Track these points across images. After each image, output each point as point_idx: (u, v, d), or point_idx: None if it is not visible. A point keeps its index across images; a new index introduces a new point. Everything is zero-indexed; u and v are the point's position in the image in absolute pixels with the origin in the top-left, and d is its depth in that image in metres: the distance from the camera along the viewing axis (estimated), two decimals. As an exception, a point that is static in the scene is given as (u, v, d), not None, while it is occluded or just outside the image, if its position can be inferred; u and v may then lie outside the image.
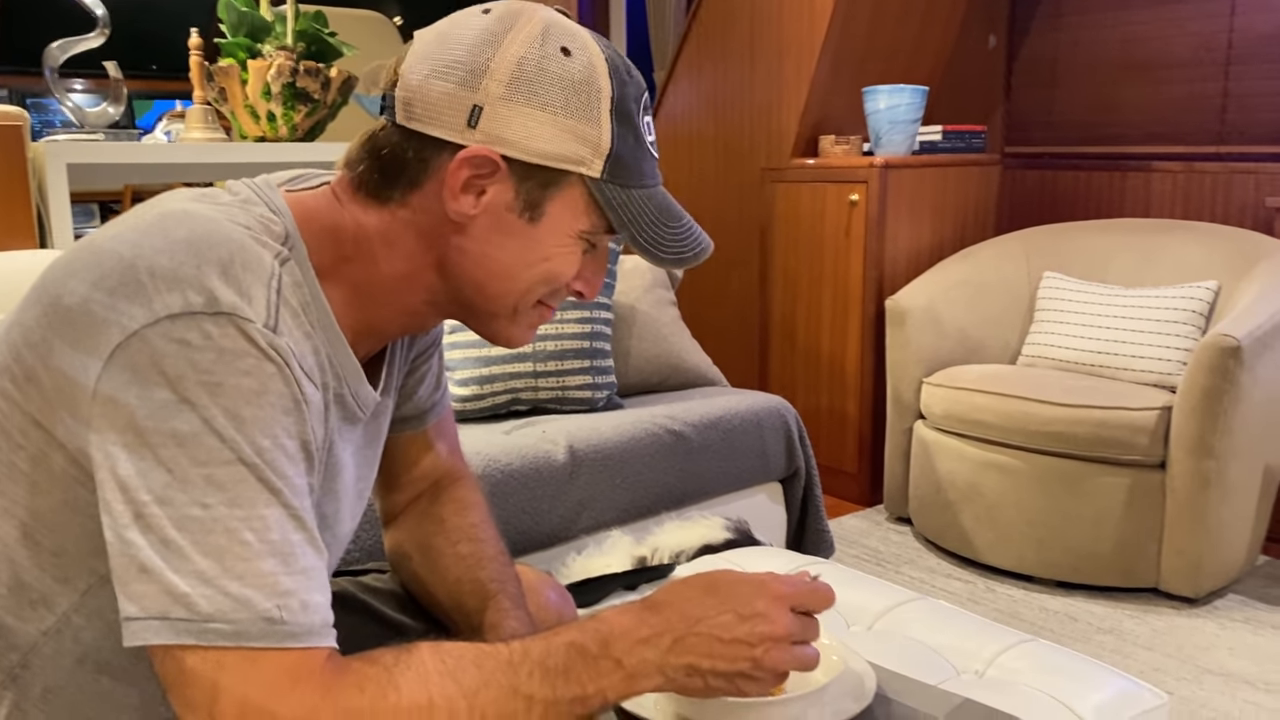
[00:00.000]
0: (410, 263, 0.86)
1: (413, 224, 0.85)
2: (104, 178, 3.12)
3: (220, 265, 0.73)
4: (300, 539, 0.72)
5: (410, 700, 0.71)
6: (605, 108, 0.83)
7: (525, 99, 0.81)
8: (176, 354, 0.69)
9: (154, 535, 0.68)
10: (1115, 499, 2.51)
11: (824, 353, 3.33)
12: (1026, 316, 3.08)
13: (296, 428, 0.74)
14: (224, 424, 0.70)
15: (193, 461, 0.69)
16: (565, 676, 0.77)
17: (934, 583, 2.68)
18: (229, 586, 0.68)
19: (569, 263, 0.87)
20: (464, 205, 0.83)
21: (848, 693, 1.05)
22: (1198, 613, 2.49)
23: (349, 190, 0.86)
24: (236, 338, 0.71)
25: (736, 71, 3.61)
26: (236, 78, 2.31)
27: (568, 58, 0.83)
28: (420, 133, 0.82)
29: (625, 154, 0.85)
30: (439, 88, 0.82)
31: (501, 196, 0.83)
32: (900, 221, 3.20)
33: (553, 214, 0.85)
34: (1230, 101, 3.10)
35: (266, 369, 0.72)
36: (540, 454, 1.97)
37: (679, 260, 0.88)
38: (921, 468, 2.88)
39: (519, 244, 0.85)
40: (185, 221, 0.75)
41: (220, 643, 0.68)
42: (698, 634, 0.81)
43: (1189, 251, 2.88)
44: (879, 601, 1.40)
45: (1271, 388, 2.49)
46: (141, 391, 0.69)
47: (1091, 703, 1.14)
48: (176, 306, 0.70)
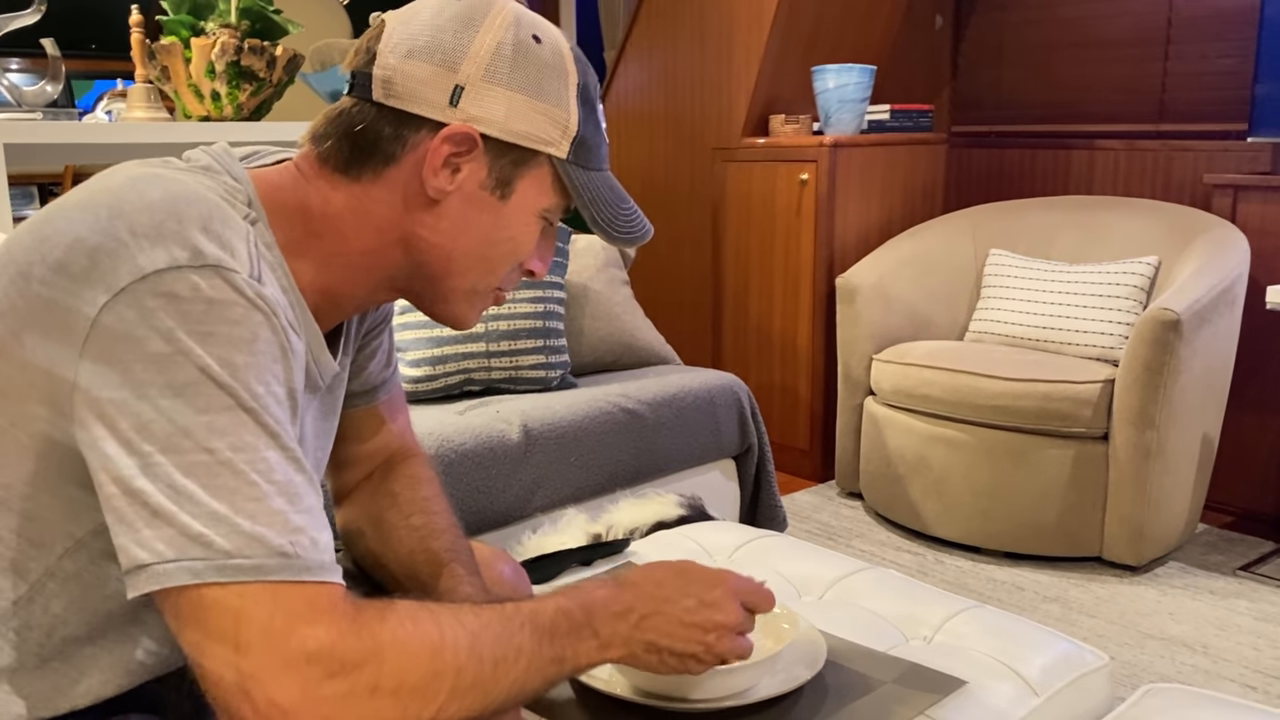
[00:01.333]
0: (378, 238, 0.88)
1: (384, 200, 0.87)
2: (43, 158, 3.05)
3: (200, 221, 0.74)
4: (302, 479, 0.74)
5: (425, 631, 0.74)
6: (572, 92, 0.88)
7: (503, 81, 0.85)
8: (166, 307, 0.71)
9: (163, 483, 0.70)
10: (1060, 471, 2.57)
11: (775, 330, 3.36)
12: (974, 293, 3.13)
13: (284, 375, 0.76)
14: (219, 371, 0.71)
15: (194, 409, 0.70)
16: (550, 636, 0.81)
17: (884, 555, 2.72)
18: (243, 525, 0.70)
19: (529, 240, 0.91)
20: (441, 181, 0.85)
21: (800, 659, 1.07)
22: (1140, 580, 2.56)
23: (315, 165, 0.87)
24: (224, 288, 0.72)
25: (686, 51, 3.61)
26: (179, 56, 2.27)
27: (539, 44, 0.87)
28: (400, 110, 0.85)
29: (588, 136, 0.90)
30: (420, 68, 0.84)
31: (476, 174, 0.86)
32: (850, 200, 3.23)
33: (521, 192, 0.88)
34: (1170, 81, 3.16)
35: (255, 317, 0.74)
36: (494, 434, 1.98)
37: (630, 239, 0.93)
38: (872, 443, 2.92)
39: (488, 220, 0.88)
40: (157, 183, 0.76)
41: (241, 578, 0.69)
42: (663, 614, 0.87)
43: (1130, 228, 2.94)
44: (830, 572, 1.43)
45: (1210, 360, 2.55)
46: (134, 347, 0.70)
47: (1036, 665, 1.18)
48: (162, 262, 0.71)
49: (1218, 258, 2.61)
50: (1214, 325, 2.52)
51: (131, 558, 0.70)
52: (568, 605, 0.83)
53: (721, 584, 0.91)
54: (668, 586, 0.89)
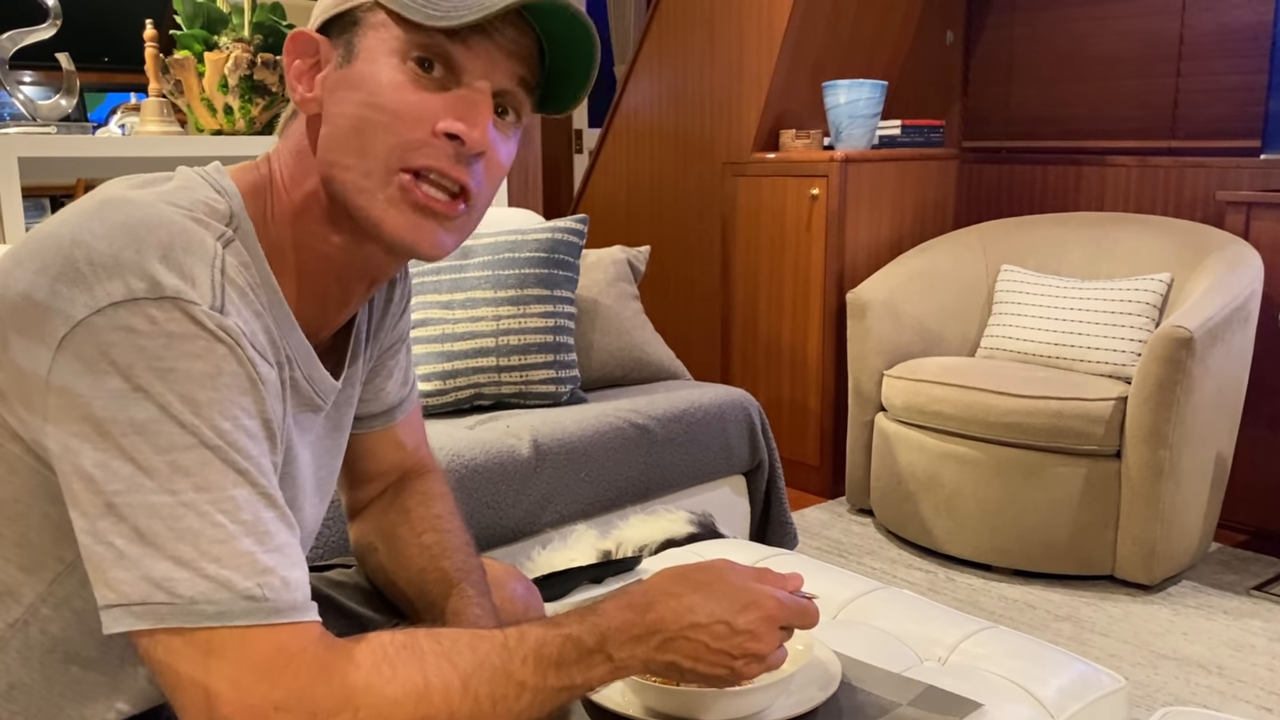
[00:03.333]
0: (302, 189, 0.84)
1: (294, 143, 0.85)
2: (56, 171, 3.06)
3: (160, 249, 0.71)
4: (272, 516, 0.72)
5: (406, 679, 0.72)
6: None
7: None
8: (123, 341, 0.68)
9: (126, 525, 0.68)
10: (1072, 488, 2.55)
11: (785, 346, 3.35)
12: (985, 309, 3.12)
13: (256, 406, 0.74)
14: (180, 409, 0.69)
15: (155, 449, 0.68)
16: (557, 667, 0.77)
17: (895, 573, 2.71)
18: (207, 569, 0.68)
19: (399, 92, 0.79)
20: (301, 91, 0.83)
21: (813, 681, 1.06)
22: (1153, 599, 2.54)
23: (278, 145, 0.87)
24: (183, 321, 0.70)
25: (697, 66, 3.61)
26: (193, 70, 2.28)
27: None
28: None
29: None
30: None
31: (332, 65, 0.82)
32: (860, 215, 3.22)
33: (364, 48, 0.80)
34: (1182, 97, 3.15)
35: (218, 350, 0.71)
36: (504, 448, 1.97)
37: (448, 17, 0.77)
38: (882, 459, 2.90)
39: (344, 92, 0.80)
40: (122, 207, 0.74)
41: (206, 624, 0.68)
42: (688, 638, 0.82)
43: (1142, 244, 2.93)
44: (843, 591, 1.42)
45: (1223, 378, 2.54)
46: (94, 381, 0.68)
47: (1052, 687, 1.16)
48: (119, 294, 0.69)
49: (1231, 275, 2.60)
50: (1227, 343, 2.51)
51: (101, 596, 0.69)
52: (579, 633, 0.79)
53: (757, 605, 0.84)
54: (697, 609, 0.82)
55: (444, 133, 0.79)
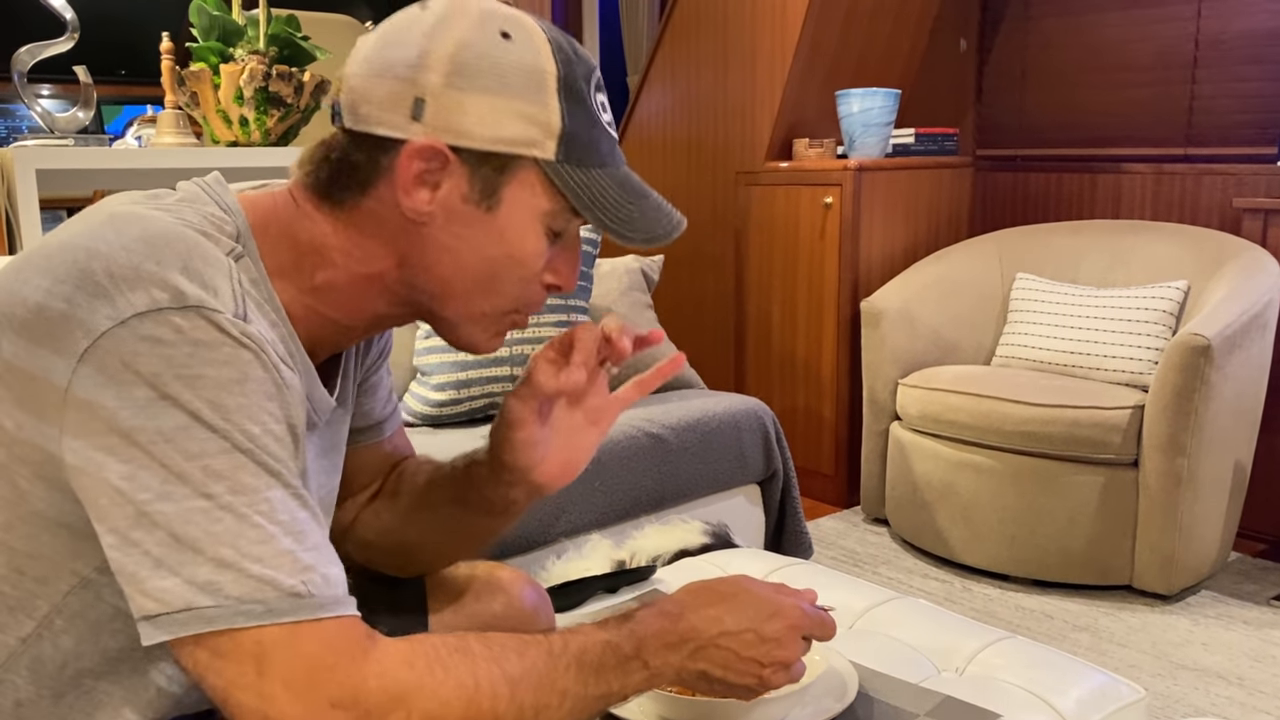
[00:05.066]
0: (371, 266, 0.84)
1: (370, 227, 0.83)
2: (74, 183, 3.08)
3: (180, 260, 0.72)
4: (306, 516, 0.73)
5: (458, 681, 0.72)
6: (552, 87, 0.81)
7: (467, 86, 0.79)
8: (149, 352, 0.68)
9: (161, 531, 0.68)
10: (1089, 497, 2.53)
11: (800, 355, 3.34)
12: (1000, 317, 3.10)
13: (281, 411, 0.74)
14: (210, 415, 0.69)
15: (186, 455, 0.68)
16: (597, 674, 0.79)
17: (911, 583, 2.69)
18: (251, 569, 0.68)
19: (534, 252, 0.84)
20: (418, 201, 0.80)
21: (830, 691, 1.06)
22: (1171, 609, 2.52)
23: (303, 193, 0.84)
24: (208, 328, 0.70)
25: (710, 75, 3.62)
26: (208, 82, 2.29)
27: (508, 41, 0.80)
28: (368, 133, 0.80)
29: (579, 133, 0.82)
30: (381, 86, 0.80)
31: (457, 189, 0.81)
32: (874, 224, 3.21)
33: (510, 200, 0.81)
34: (1197, 104, 3.14)
35: (243, 356, 0.71)
36: (518, 458, 1.97)
37: (648, 239, 0.85)
38: (898, 468, 2.89)
39: (479, 235, 0.82)
40: (135, 222, 0.74)
41: (255, 623, 0.68)
42: (719, 646, 0.84)
43: (1159, 252, 2.91)
44: (859, 601, 1.41)
45: (1241, 385, 2.52)
46: (119, 392, 0.68)
47: (1071, 698, 1.15)
48: (142, 304, 0.69)
49: (1248, 282, 2.58)
50: (1245, 350, 2.49)
51: (140, 608, 0.69)
52: (616, 639, 0.81)
53: (781, 615, 0.87)
54: (726, 618, 0.85)
55: (549, 284, 0.87)
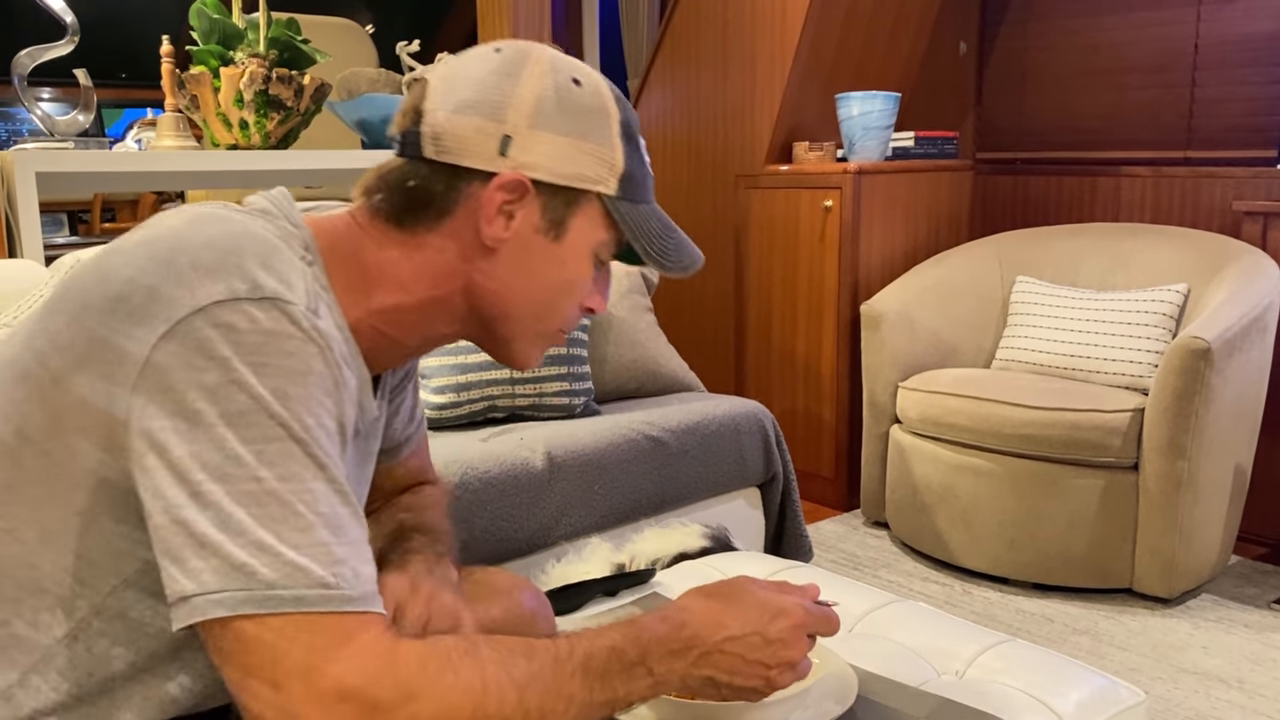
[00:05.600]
0: (437, 288, 0.90)
1: (441, 251, 0.89)
2: (74, 186, 3.09)
3: (260, 257, 0.76)
4: (346, 512, 0.75)
5: (467, 685, 0.73)
6: (615, 130, 0.90)
7: (548, 126, 0.87)
8: (223, 338, 0.72)
9: (211, 512, 0.70)
10: (1089, 500, 2.53)
11: (799, 358, 3.35)
12: (1000, 320, 3.10)
13: (335, 409, 0.77)
14: (272, 401, 0.72)
15: (243, 439, 0.71)
16: (603, 680, 0.79)
17: (911, 586, 2.69)
18: (286, 554, 0.70)
19: (586, 278, 0.93)
20: (497, 229, 0.87)
21: (830, 694, 1.05)
22: (1172, 613, 2.52)
23: (369, 218, 0.90)
24: (281, 319, 0.74)
25: (710, 79, 3.62)
26: (209, 85, 2.30)
27: (579, 87, 0.90)
28: (451, 165, 0.87)
29: (634, 171, 0.92)
30: (467, 122, 0.86)
31: (530, 219, 0.88)
32: (874, 227, 3.21)
33: (574, 230, 0.90)
34: (1197, 107, 3.14)
35: (309, 350, 0.75)
36: (518, 461, 1.97)
37: (682, 268, 0.94)
38: (898, 472, 2.89)
39: (544, 262, 0.90)
40: (218, 221, 0.79)
41: (281, 609, 0.69)
42: (724, 651, 0.85)
43: (1159, 255, 2.91)
44: (859, 604, 1.41)
45: (1241, 388, 2.52)
46: (191, 375, 0.71)
47: (1071, 701, 1.15)
48: (221, 294, 0.73)
49: (1248, 285, 2.58)
50: (1245, 354, 2.49)
51: (177, 589, 0.70)
52: (621, 645, 0.81)
53: (785, 615, 0.88)
54: (730, 623, 0.86)
55: (587, 307, 0.95)
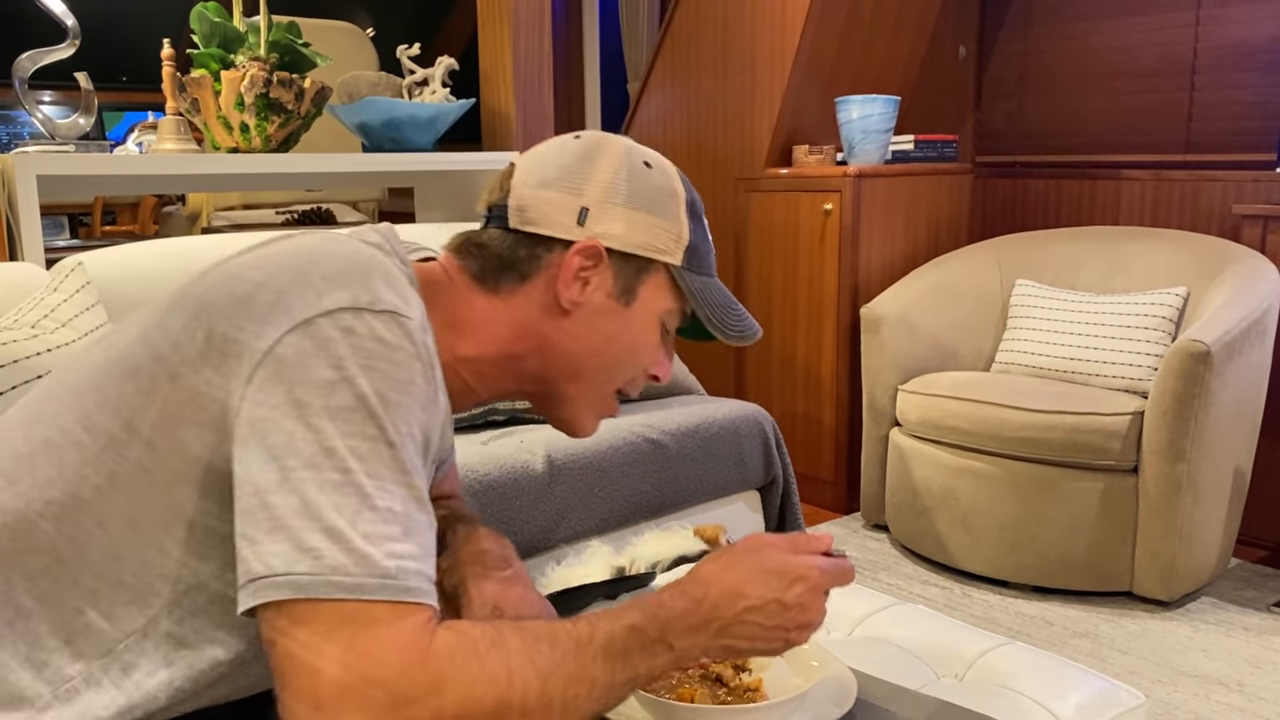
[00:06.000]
0: (514, 345, 0.98)
1: (521, 311, 0.97)
2: (74, 189, 3.09)
3: (383, 276, 0.82)
4: (422, 520, 0.78)
5: (492, 675, 0.75)
6: (682, 208, 1.00)
7: (622, 201, 0.97)
8: (342, 339, 0.77)
9: (295, 497, 0.73)
10: (1089, 503, 2.53)
11: (799, 361, 3.35)
12: (999, 323, 3.10)
13: (425, 425, 0.82)
14: (375, 403, 0.76)
15: (342, 433, 0.75)
16: (624, 660, 0.81)
17: (911, 589, 2.69)
18: (355, 543, 0.73)
19: (651, 343, 1.01)
20: (573, 292, 0.96)
21: (829, 698, 1.06)
22: (1171, 615, 2.52)
23: (461, 274, 0.98)
24: (397, 332, 0.79)
25: (710, 82, 3.62)
26: (209, 88, 2.30)
27: (650, 169, 1.00)
28: (533, 233, 0.96)
29: (698, 245, 1.01)
30: (550, 196, 0.97)
31: (603, 284, 0.97)
32: (874, 230, 3.22)
33: (643, 298, 0.99)
34: (1196, 110, 3.14)
35: (415, 365, 0.80)
36: (518, 464, 1.97)
37: (742, 338, 1.02)
38: (898, 474, 2.89)
39: (614, 325, 0.98)
40: (348, 244, 0.86)
41: (339, 595, 0.72)
42: (744, 621, 0.86)
43: (1158, 258, 2.91)
44: (859, 607, 1.41)
45: (1241, 391, 2.52)
46: (306, 370, 0.76)
47: (1071, 704, 1.15)
48: (345, 301, 0.78)
49: (1248, 289, 2.58)
50: (1245, 357, 2.49)
51: (247, 570, 0.73)
52: (641, 623, 0.82)
53: (804, 578, 0.88)
54: (749, 592, 0.86)
55: (651, 374, 1.03)
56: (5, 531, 0.82)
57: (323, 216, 3.77)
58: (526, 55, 2.96)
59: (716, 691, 1.02)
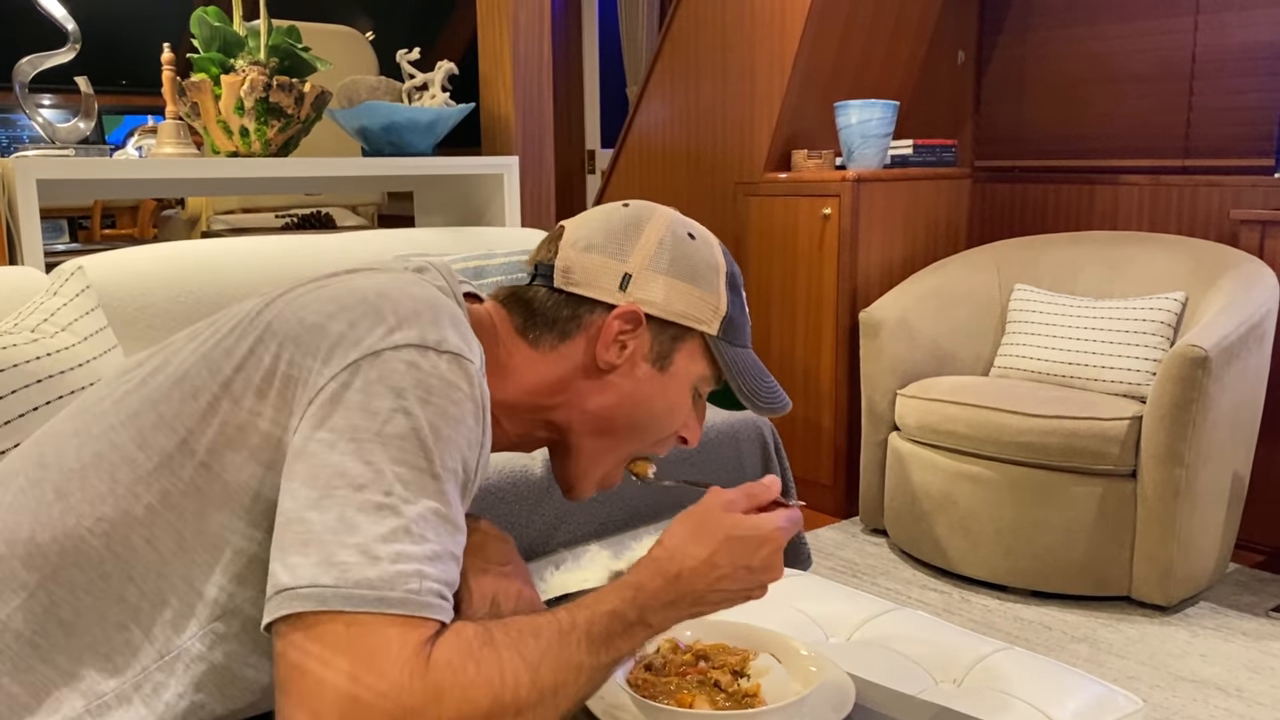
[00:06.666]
0: (549, 397, 1.00)
1: (559, 366, 1.00)
2: (74, 193, 3.09)
3: (450, 319, 0.85)
4: (455, 553, 0.79)
5: (486, 678, 0.76)
6: (722, 280, 1.02)
7: (664, 270, 0.99)
8: (405, 372, 0.79)
9: (333, 515, 0.75)
10: (1087, 508, 2.53)
11: (798, 365, 3.35)
12: (998, 328, 3.11)
13: (469, 465, 0.84)
14: (428, 435, 0.78)
15: (390, 459, 0.77)
16: (606, 643, 0.83)
17: (909, 593, 2.69)
18: (383, 562, 0.74)
19: (683, 409, 1.03)
20: (612, 355, 0.99)
21: (827, 703, 1.06)
22: (1170, 620, 2.52)
23: (504, 324, 1.01)
24: (457, 373, 0.82)
25: (709, 87, 3.63)
26: (209, 93, 2.30)
27: (693, 240, 1.03)
28: (577, 295, 0.99)
29: (735, 317, 1.03)
30: (595, 260, 0.99)
31: (641, 348, 0.99)
32: (873, 234, 3.22)
33: (678, 364, 1.01)
34: (1195, 115, 3.15)
35: (469, 406, 0.82)
36: (517, 468, 1.97)
37: (772, 410, 1.04)
38: (896, 479, 2.89)
39: (649, 389, 1.01)
40: (417, 284, 0.88)
41: (359, 608, 0.73)
42: (715, 589, 0.89)
43: (1156, 263, 2.92)
44: (857, 612, 1.41)
45: (1239, 396, 2.52)
46: (367, 399, 0.78)
47: (1069, 709, 1.15)
48: (414, 338, 0.81)
49: (1246, 293, 2.59)
50: (1243, 361, 2.49)
51: (275, 583, 0.74)
52: (621, 607, 0.85)
53: (767, 541, 0.91)
54: (719, 561, 0.89)
55: (681, 437, 1.05)
56: (54, 546, 0.82)
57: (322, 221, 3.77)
58: (526, 60, 2.97)
59: (715, 697, 1.02)
